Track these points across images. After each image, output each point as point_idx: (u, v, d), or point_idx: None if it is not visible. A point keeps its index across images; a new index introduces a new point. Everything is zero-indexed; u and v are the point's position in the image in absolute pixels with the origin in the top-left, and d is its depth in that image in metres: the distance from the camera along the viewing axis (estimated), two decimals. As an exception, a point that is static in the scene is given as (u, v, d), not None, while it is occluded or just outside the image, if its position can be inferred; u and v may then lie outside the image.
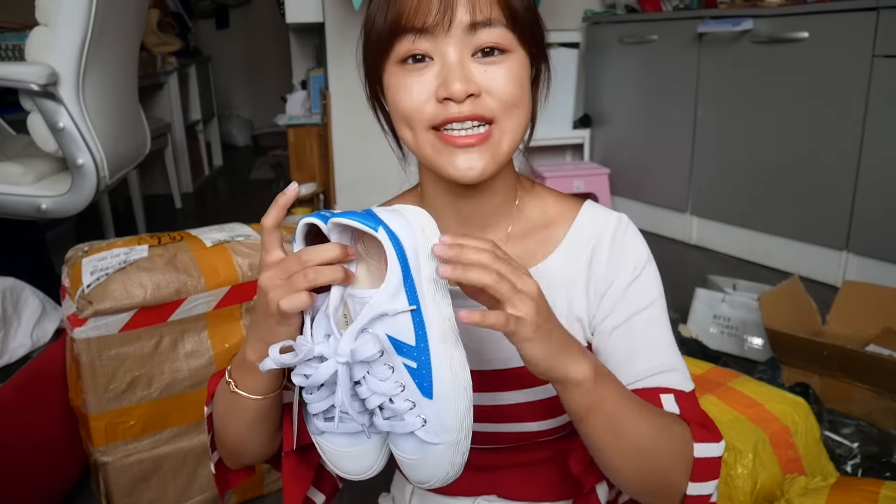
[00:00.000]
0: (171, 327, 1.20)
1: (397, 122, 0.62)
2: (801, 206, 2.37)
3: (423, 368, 0.51)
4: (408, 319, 0.51)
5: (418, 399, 0.51)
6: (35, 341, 1.34)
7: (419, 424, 0.51)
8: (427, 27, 0.57)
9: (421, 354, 0.51)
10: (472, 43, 0.57)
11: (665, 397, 0.62)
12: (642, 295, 0.66)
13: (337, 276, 0.52)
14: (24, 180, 1.60)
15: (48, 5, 1.49)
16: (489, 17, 0.57)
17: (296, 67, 3.78)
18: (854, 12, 2.10)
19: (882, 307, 1.69)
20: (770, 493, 1.09)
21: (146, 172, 3.67)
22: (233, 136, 5.79)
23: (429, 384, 0.51)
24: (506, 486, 0.72)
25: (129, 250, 1.21)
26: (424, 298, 0.51)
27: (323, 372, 0.51)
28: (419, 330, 0.51)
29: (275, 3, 4.54)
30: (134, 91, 2.00)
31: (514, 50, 0.59)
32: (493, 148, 0.59)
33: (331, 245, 0.52)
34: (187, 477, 1.26)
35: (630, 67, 3.04)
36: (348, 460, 0.56)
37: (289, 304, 0.51)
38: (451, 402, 0.51)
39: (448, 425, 0.51)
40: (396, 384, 0.51)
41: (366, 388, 0.51)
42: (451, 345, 0.52)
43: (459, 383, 0.52)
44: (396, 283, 0.51)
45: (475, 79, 0.57)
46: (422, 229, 0.53)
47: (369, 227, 0.51)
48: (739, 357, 1.83)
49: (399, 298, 0.51)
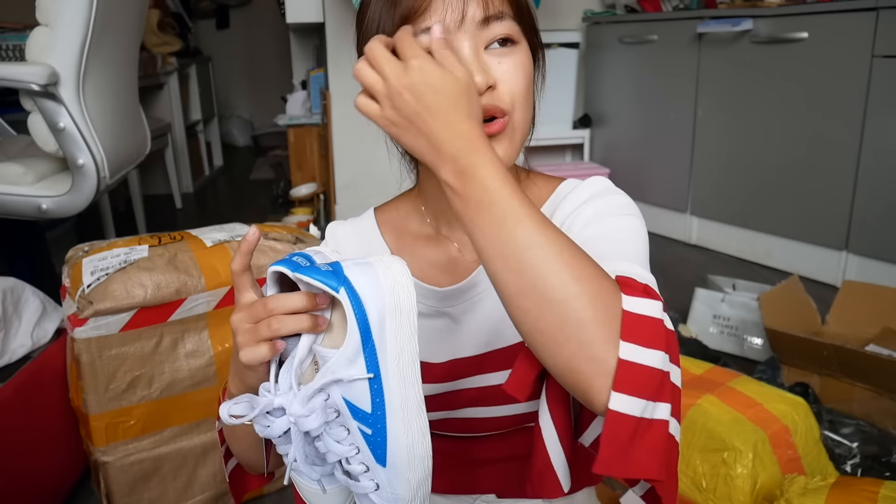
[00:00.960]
0: (172, 327, 1.20)
1: None
2: (801, 206, 2.37)
3: (377, 436, 0.50)
4: (365, 386, 0.50)
5: (372, 465, 0.51)
6: (35, 341, 1.34)
7: (372, 488, 0.51)
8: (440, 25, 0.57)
9: (377, 422, 0.50)
10: (485, 36, 0.58)
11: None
12: (616, 212, 0.63)
13: (303, 325, 0.51)
14: (25, 180, 1.60)
15: (48, 5, 1.49)
16: (500, 10, 0.58)
17: (296, 67, 3.78)
18: (854, 12, 2.10)
19: (882, 307, 1.69)
20: (770, 492, 1.09)
21: (146, 172, 3.68)
22: (233, 136, 5.79)
23: (382, 452, 0.50)
24: (504, 484, 0.72)
25: (130, 250, 1.22)
26: (386, 365, 0.50)
27: (277, 428, 0.51)
28: (376, 398, 0.50)
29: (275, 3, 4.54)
30: (134, 91, 2.00)
31: (521, 41, 0.60)
32: (509, 137, 0.59)
33: (297, 295, 0.51)
34: (187, 477, 1.26)
35: (630, 67, 3.04)
36: (321, 498, 0.56)
37: (248, 356, 0.51)
38: (403, 472, 0.50)
39: (400, 495, 0.51)
40: (352, 447, 0.51)
41: (323, 445, 0.51)
42: (411, 413, 0.51)
43: (416, 454, 0.51)
44: (355, 348, 0.49)
45: (491, 71, 0.58)
46: (392, 289, 0.50)
47: (330, 287, 0.48)
48: (739, 357, 1.83)
49: (357, 364, 0.49)
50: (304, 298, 0.51)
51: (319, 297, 0.51)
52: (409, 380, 0.51)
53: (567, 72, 3.17)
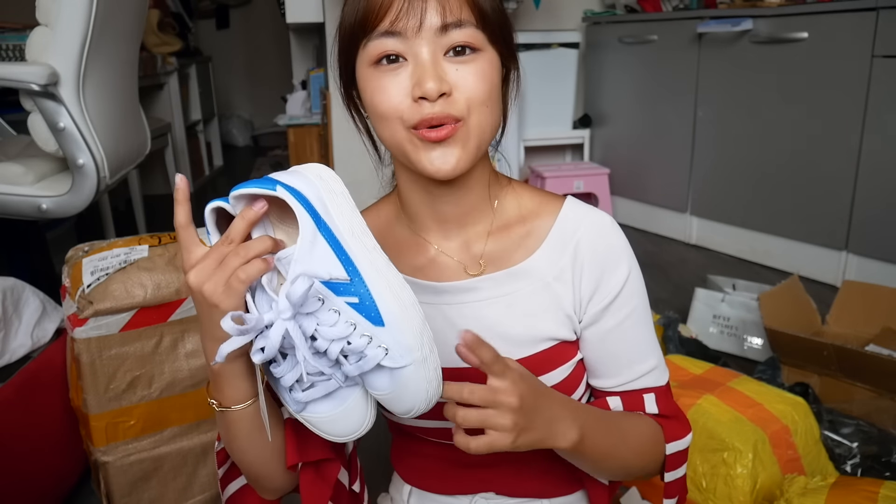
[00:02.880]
0: (172, 327, 1.20)
1: (376, 122, 0.63)
2: (800, 206, 2.37)
3: (365, 300, 0.52)
4: (334, 260, 0.52)
5: (372, 331, 0.52)
6: (35, 341, 1.34)
7: (382, 354, 0.52)
8: (398, 29, 0.58)
9: (359, 287, 0.52)
10: (444, 42, 0.58)
11: (647, 397, 0.69)
12: (629, 301, 0.68)
13: (266, 243, 0.53)
14: (25, 180, 1.60)
15: (48, 5, 1.49)
16: (459, 17, 0.58)
17: (296, 67, 3.78)
18: (854, 12, 2.10)
19: (882, 307, 1.69)
20: (770, 492, 1.09)
21: (146, 172, 3.67)
22: (233, 136, 5.79)
23: (377, 313, 0.52)
24: (503, 483, 0.72)
25: (130, 250, 1.22)
26: (342, 235, 0.53)
27: (274, 335, 0.51)
28: (348, 266, 0.53)
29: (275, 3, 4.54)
30: (134, 91, 2.00)
31: (485, 49, 0.60)
32: (461, 142, 0.60)
33: (259, 240, 0.54)
34: (187, 477, 1.26)
35: (630, 67, 3.04)
36: (338, 423, 0.56)
37: (246, 273, 0.52)
38: (402, 322, 0.52)
39: (408, 344, 0.52)
40: (347, 324, 0.52)
41: (322, 340, 0.52)
42: (383, 269, 0.54)
43: (405, 302, 0.53)
44: (311, 230, 0.52)
45: (448, 77, 0.58)
46: (319, 177, 0.56)
47: (267, 188, 0.53)
48: (739, 357, 1.83)
49: (318, 243, 0.52)
50: (267, 240, 0.54)
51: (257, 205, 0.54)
52: (370, 246, 0.55)
53: (567, 72, 3.17)
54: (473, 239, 0.69)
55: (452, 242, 0.69)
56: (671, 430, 0.70)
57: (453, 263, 0.69)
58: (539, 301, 0.67)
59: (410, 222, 0.71)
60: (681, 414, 0.71)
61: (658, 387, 0.70)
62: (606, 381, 0.70)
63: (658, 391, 0.70)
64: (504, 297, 0.67)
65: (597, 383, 0.71)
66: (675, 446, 0.70)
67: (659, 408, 0.70)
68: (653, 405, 0.69)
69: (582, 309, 0.67)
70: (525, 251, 0.68)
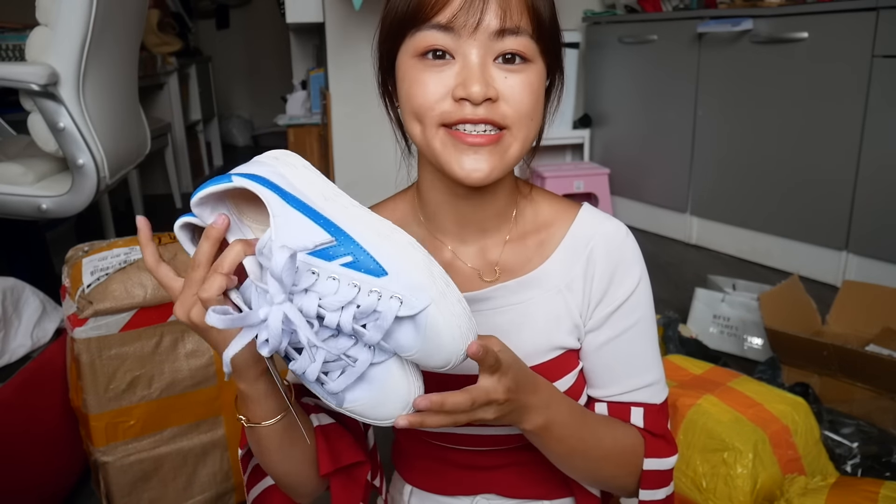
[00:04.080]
0: (172, 327, 1.20)
1: (407, 115, 0.61)
2: (801, 206, 2.37)
3: (359, 256, 0.48)
4: (312, 226, 0.49)
5: (378, 284, 0.48)
6: (35, 341, 1.34)
7: (397, 305, 0.47)
8: (453, 25, 0.56)
9: (347, 245, 0.49)
10: (497, 48, 0.57)
11: (635, 410, 0.67)
12: (634, 312, 0.67)
13: (237, 249, 0.50)
14: (25, 180, 1.60)
15: (48, 5, 1.49)
16: (518, 24, 0.56)
17: (296, 67, 3.78)
18: (854, 12, 2.10)
19: (882, 307, 1.69)
20: (770, 492, 1.09)
21: (146, 172, 3.67)
22: (233, 136, 5.79)
23: (375, 264, 0.48)
24: (504, 485, 0.72)
25: (130, 250, 1.21)
26: (314, 201, 0.51)
27: (273, 321, 0.47)
28: (328, 227, 0.49)
29: (275, 3, 4.54)
30: (134, 91, 2.00)
31: (535, 60, 0.59)
32: (501, 152, 0.59)
33: (205, 231, 0.52)
34: (187, 477, 1.26)
35: (630, 67, 3.04)
36: (383, 404, 0.52)
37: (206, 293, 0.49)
38: (406, 262, 0.49)
39: (419, 283, 0.48)
40: (350, 286, 0.48)
41: (330, 314, 0.48)
42: (367, 219, 0.51)
43: (399, 242, 0.50)
44: (279, 205, 0.50)
45: (495, 84, 0.57)
46: (274, 158, 0.55)
47: (223, 182, 0.51)
48: (739, 357, 1.83)
49: (291, 215, 0.49)
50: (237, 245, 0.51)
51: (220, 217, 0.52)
52: (345, 203, 0.52)
53: (567, 72, 3.16)
54: (491, 246, 0.68)
55: (469, 247, 0.68)
56: (654, 447, 0.67)
57: (468, 270, 0.68)
58: (550, 309, 0.66)
59: (428, 222, 0.69)
60: (669, 436, 0.69)
61: (650, 403, 0.67)
62: (599, 390, 0.68)
63: (649, 408, 0.67)
64: (517, 305, 0.66)
65: (590, 392, 0.70)
66: (655, 463, 0.67)
67: (646, 423, 0.67)
68: (639, 419, 0.67)
69: (588, 314, 0.67)
70: (539, 259, 0.67)
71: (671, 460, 0.68)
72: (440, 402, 0.51)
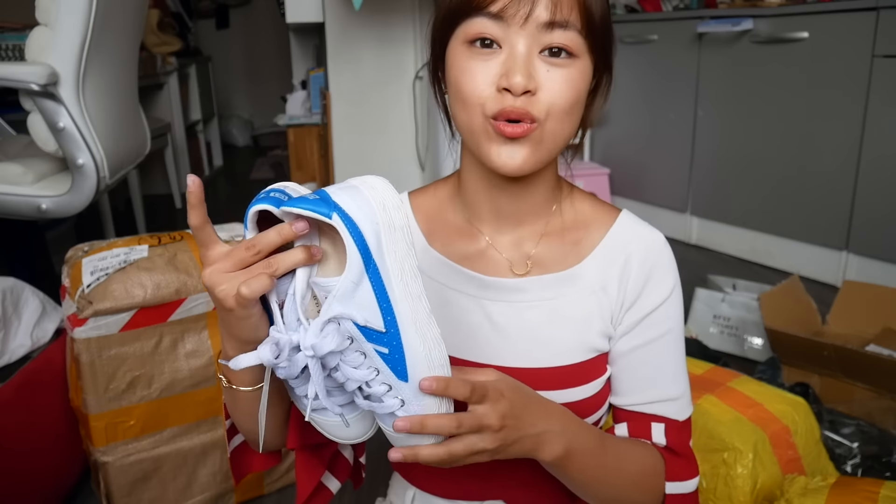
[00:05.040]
0: (172, 327, 1.20)
1: (454, 102, 0.62)
2: (801, 206, 2.37)
3: (395, 353, 0.50)
4: (374, 307, 0.49)
5: (394, 382, 0.50)
6: (35, 341, 1.34)
7: (398, 406, 0.51)
8: (504, 14, 0.56)
9: (392, 340, 0.50)
10: (544, 40, 0.57)
11: (656, 426, 0.66)
12: (665, 321, 0.66)
13: (298, 258, 0.49)
14: (25, 180, 1.60)
15: (48, 5, 1.49)
16: (567, 18, 0.57)
17: (296, 67, 3.78)
18: (854, 12, 2.10)
19: (882, 307, 1.69)
20: (770, 493, 1.09)
21: (146, 172, 3.67)
22: (233, 136, 5.79)
23: (403, 368, 0.50)
24: (513, 493, 0.71)
25: (129, 250, 1.21)
26: (390, 281, 0.49)
27: (295, 366, 0.50)
28: (387, 316, 0.50)
29: (275, 3, 4.54)
30: (134, 91, 2.00)
31: (581, 56, 0.59)
32: (534, 144, 0.59)
33: (277, 228, 0.49)
34: (187, 477, 1.26)
35: (630, 67, 3.04)
36: (345, 429, 0.56)
37: (249, 288, 0.48)
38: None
39: (427, 404, 0.51)
40: (370, 370, 0.50)
41: (341, 374, 0.51)
42: (423, 325, 0.51)
43: (434, 362, 0.51)
44: (358, 271, 0.48)
45: (537, 76, 0.57)
46: (382, 207, 0.50)
47: (322, 214, 0.47)
48: (739, 357, 1.83)
49: (363, 285, 0.49)
50: (300, 254, 0.49)
51: (299, 223, 0.49)
52: (415, 293, 0.51)
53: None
54: (526, 238, 0.68)
55: (505, 238, 0.69)
56: (675, 468, 0.65)
57: (501, 259, 0.68)
58: (583, 309, 0.66)
59: (466, 209, 0.70)
60: (691, 455, 0.67)
61: (673, 419, 0.66)
62: (621, 398, 0.68)
63: (671, 424, 0.66)
64: (549, 301, 0.66)
65: (612, 399, 0.69)
66: (676, 487, 0.65)
67: (668, 440, 0.66)
68: (661, 436, 0.66)
69: (619, 318, 0.66)
70: (575, 258, 0.67)
71: (693, 483, 0.66)
72: (420, 423, 0.51)
